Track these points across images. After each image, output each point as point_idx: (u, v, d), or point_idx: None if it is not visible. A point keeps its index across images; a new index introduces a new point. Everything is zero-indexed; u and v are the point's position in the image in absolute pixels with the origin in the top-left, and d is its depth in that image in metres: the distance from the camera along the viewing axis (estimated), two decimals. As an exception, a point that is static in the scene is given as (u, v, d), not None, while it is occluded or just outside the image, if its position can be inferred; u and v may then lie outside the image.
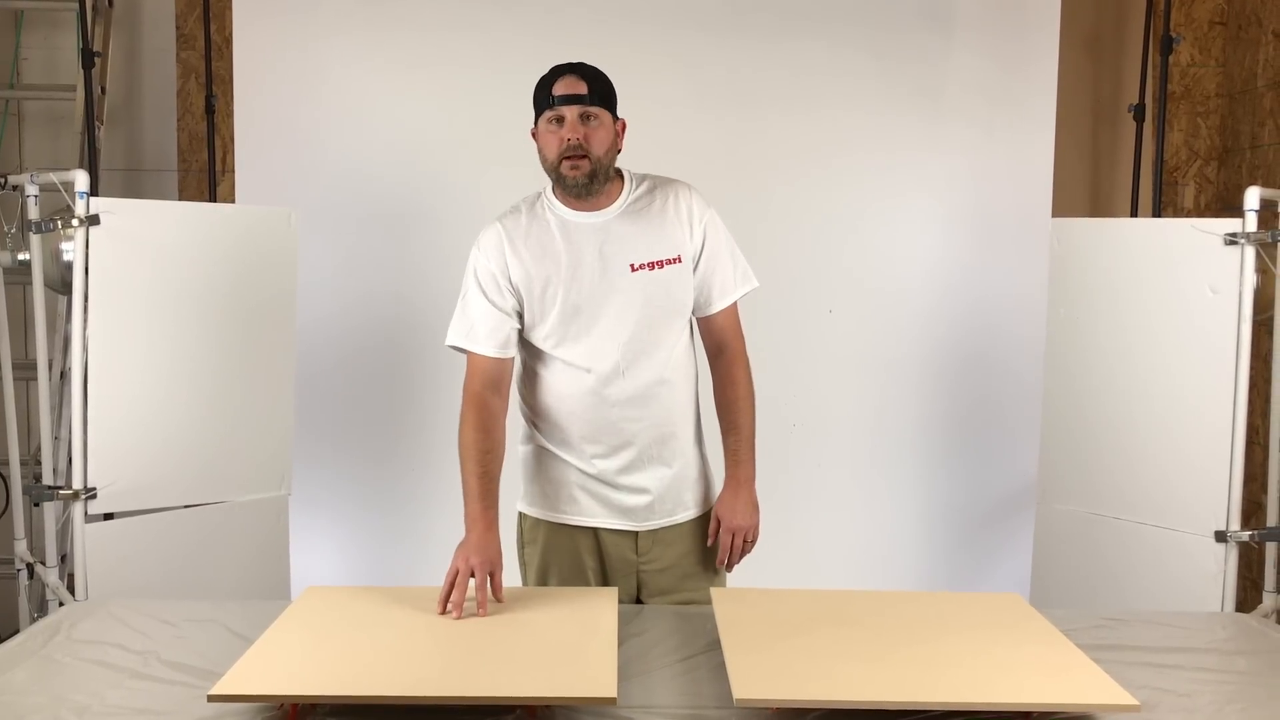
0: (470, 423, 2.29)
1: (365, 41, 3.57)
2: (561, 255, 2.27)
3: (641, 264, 2.27)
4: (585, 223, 2.29)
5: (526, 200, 2.36)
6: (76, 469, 2.80)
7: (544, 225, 2.30)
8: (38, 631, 2.16)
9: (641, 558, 2.36)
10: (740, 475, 2.34)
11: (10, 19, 3.97)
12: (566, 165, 2.21)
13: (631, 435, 2.30)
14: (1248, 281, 2.79)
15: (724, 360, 2.38)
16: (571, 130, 2.20)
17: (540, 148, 2.26)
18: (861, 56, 3.59)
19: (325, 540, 3.64)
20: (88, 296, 2.79)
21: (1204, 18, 3.88)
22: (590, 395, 2.29)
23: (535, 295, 2.28)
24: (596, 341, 2.27)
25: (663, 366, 2.30)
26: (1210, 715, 1.81)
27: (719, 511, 2.34)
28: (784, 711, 1.75)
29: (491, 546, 2.18)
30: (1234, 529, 2.80)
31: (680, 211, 2.31)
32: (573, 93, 2.20)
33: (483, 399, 2.30)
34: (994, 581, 3.64)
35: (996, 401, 3.69)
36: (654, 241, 2.28)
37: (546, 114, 2.22)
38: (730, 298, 2.35)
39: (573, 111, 2.20)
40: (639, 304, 2.27)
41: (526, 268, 2.28)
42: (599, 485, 2.34)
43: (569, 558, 2.37)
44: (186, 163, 3.90)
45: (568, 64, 2.25)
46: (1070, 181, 3.88)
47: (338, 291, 3.61)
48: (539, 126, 2.26)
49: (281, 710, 1.75)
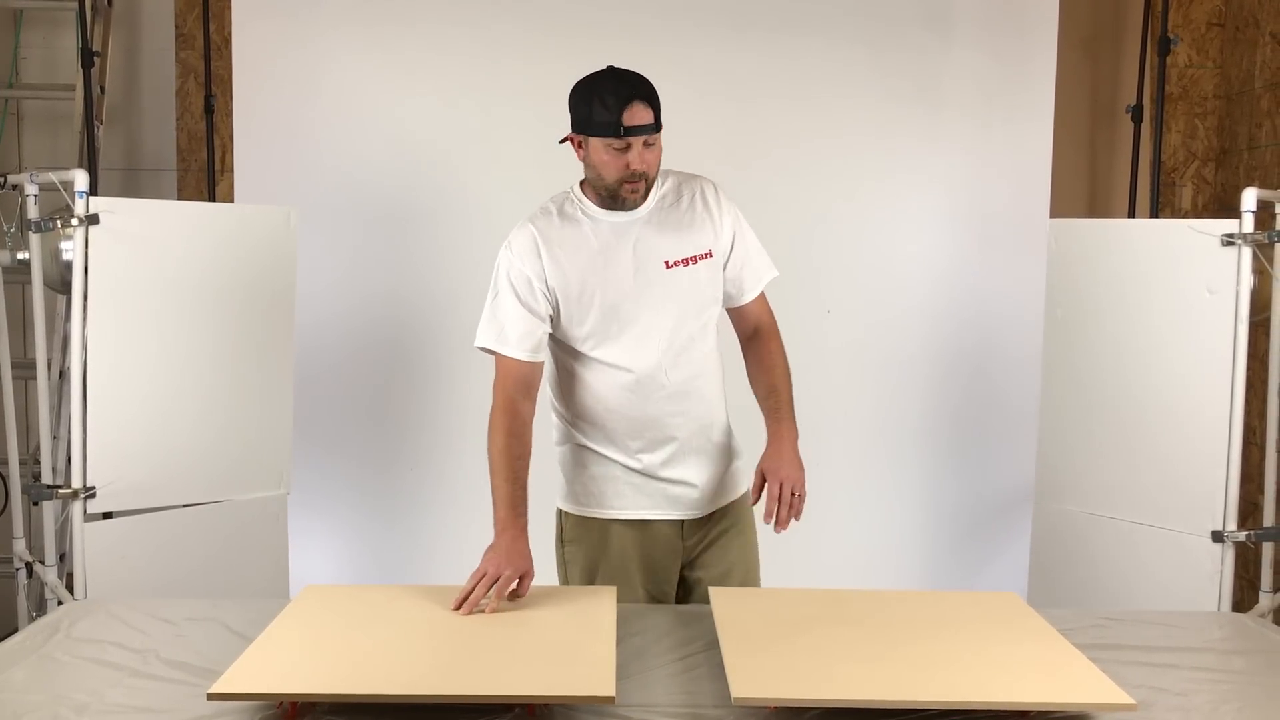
0: (501, 428, 2.26)
1: (364, 41, 3.58)
2: (597, 256, 2.28)
3: (675, 261, 2.29)
4: (618, 222, 2.30)
5: (555, 200, 2.35)
6: (75, 468, 2.80)
7: (576, 226, 2.30)
8: (37, 630, 2.16)
9: (688, 542, 2.39)
10: (783, 431, 2.31)
11: (10, 18, 3.98)
12: (627, 189, 2.23)
13: (674, 429, 2.33)
14: (1245, 282, 2.79)
15: (760, 337, 2.42)
16: (639, 160, 2.19)
17: (595, 165, 2.22)
18: (860, 57, 3.60)
19: (324, 539, 3.64)
20: (87, 296, 2.79)
21: (1202, 19, 3.89)
22: (631, 393, 2.30)
23: (573, 297, 2.28)
24: (636, 340, 2.28)
25: (701, 361, 2.33)
26: (1206, 715, 1.82)
27: (763, 466, 2.28)
28: (782, 710, 1.76)
29: (523, 554, 2.17)
30: (1231, 529, 2.80)
31: (709, 207, 2.34)
32: (643, 124, 2.17)
33: (514, 404, 2.27)
34: (991, 581, 3.64)
35: (994, 401, 3.69)
36: (685, 238, 2.31)
37: (611, 140, 2.18)
38: (761, 285, 2.41)
39: (638, 140, 2.18)
40: (675, 301, 2.29)
41: (564, 269, 2.28)
42: (644, 479, 2.35)
43: (616, 552, 2.38)
44: (185, 162, 3.91)
45: (630, 86, 2.18)
46: (1068, 182, 3.89)
47: (336, 290, 3.61)
48: (595, 144, 2.20)
49: (280, 709, 1.75)
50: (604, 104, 2.17)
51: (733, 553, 2.42)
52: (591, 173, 2.26)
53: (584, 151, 2.25)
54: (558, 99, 3.71)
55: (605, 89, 2.19)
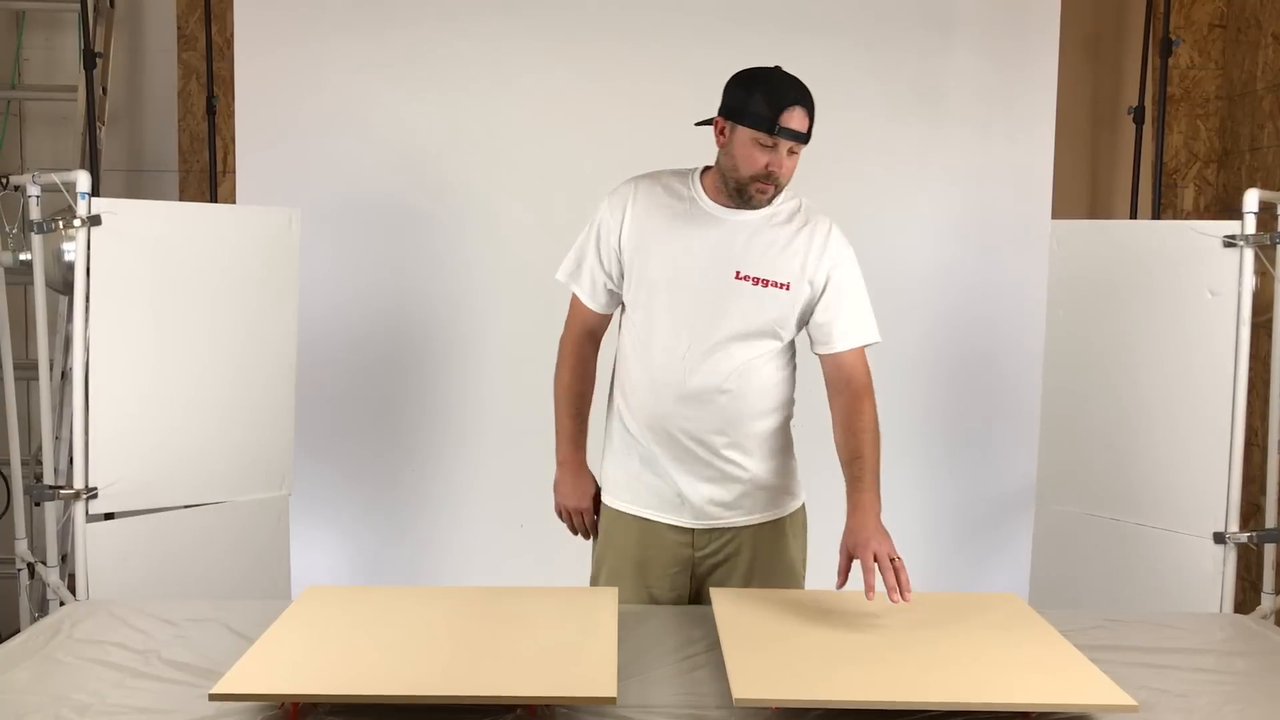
0: (568, 365, 2.42)
1: (366, 42, 3.58)
2: (678, 236, 2.27)
3: (748, 275, 2.25)
4: (718, 216, 2.27)
5: (677, 174, 2.33)
6: (77, 469, 2.80)
7: (676, 200, 2.29)
8: (39, 631, 2.17)
9: (699, 553, 2.37)
10: (864, 501, 2.21)
11: (12, 20, 3.98)
12: (757, 186, 2.20)
13: (683, 431, 2.29)
14: (1246, 283, 2.79)
15: (848, 396, 2.32)
16: (780, 164, 2.17)
17: (734, 154, 2.20)
18: (861, 59, 3.59)
19: (326, 540, 3.64)
20: (89, 297, 2.79)
21: (1204, 20, 3.89)
22: (651, 380, 2.30)
23: (636, 264, 2.29)
24: (673, 329, 2.27)
25: (726, 377, 2.27)
26: (1208, 716, 1.82)
27: (846, 544, 2.15)
28: (783, 711, 1.76)
29: (585, 488, 2.42)
30: (1233, 530, 2.80)
31: (814, 244, 2.28)
32: (798, 130, 2.16)
33: (580, 344, 2.42)
34: (992, 582, 3.64)
35: (996, 403, 3.69)
36: (771, 260, 2.26)
37: (762, 134, 2.16)
38: (854, 342, 2.32)
39: (786, 145, 2.17)
40: (729, 311, 2.25)
41: (641, 234, 2.28)
42: (652, 476, 2.34)
43: (618, 544, 2.39)
44: (187, 163, 3.91)
45: (795, 90, 2.18)
46: (1070, 183, 3.89)
47: (338, 292, 3.61)
48: (741, 134, 2.18)
49: (282, 709, 1.75)
50: (766, 98, 2.15)
51: (755, 579, 2.38)
52: (727, 161, 2.22)
53: (726, 139, 2.21)
54: (559, 98, 3.70)
55: (771, 84, 2.17)
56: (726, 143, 2.22)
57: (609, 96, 3.60)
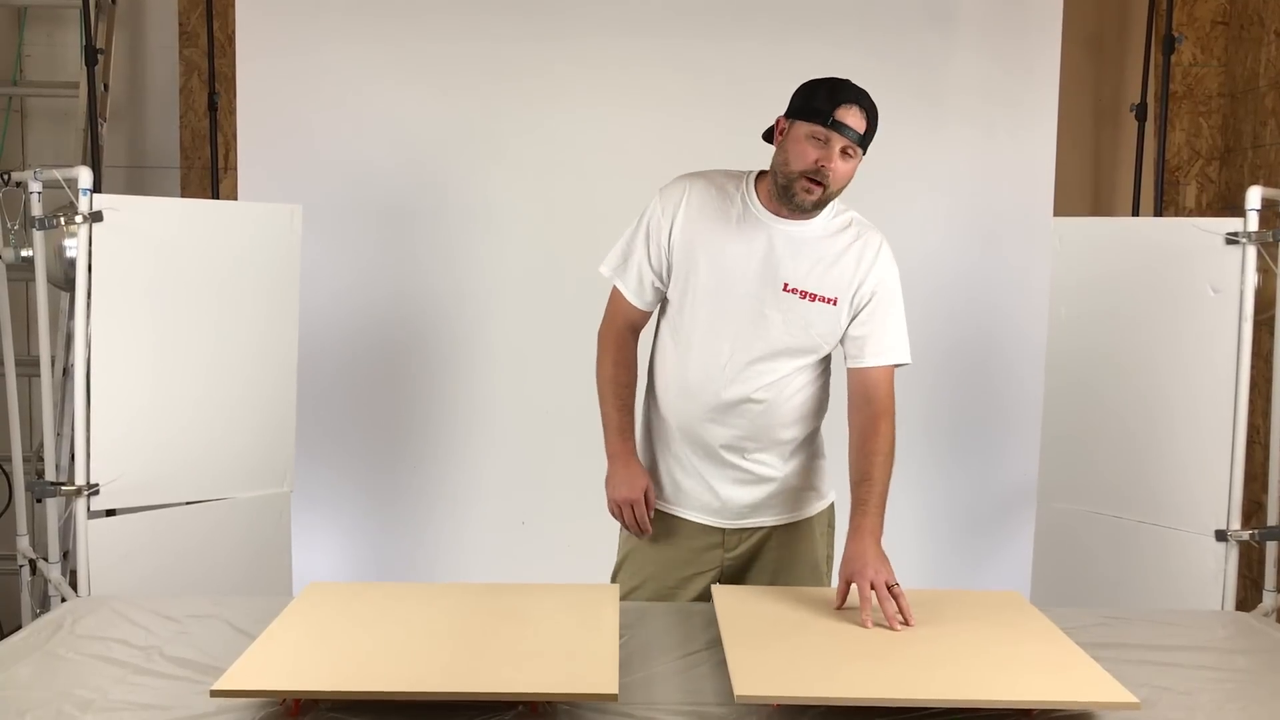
0: (610, 357, 2.40)
1: (368, 39, 3.57)
2: (729, 242, 2.25)
3: (796, 288, 2.23)
4: (769, 224, 2.25)
5: (731, 176, 2.31)
6: (79, 465, 2.80)
7: (729, 205, 2.27)
8: (41, 627, 2.17)
9: (729, 554, 2.38)
10: (865, 525, 2.18)
11: (13, 16, 3.98)
12: (803, 184, 2.16)
13: (714, 436, 2.30)
14: (1249, 281, 2.79)
15: (867, 415, 2.28)
16: (831, 159, 2.14)
17: (788, 149, 2.18)
18: (863, 56, 3.58)
19: (327, 537, 3.65)
20: (90, 293, 2.79)
21: (1206, 17, 3.88)
22: (685, 384, 2.30)
23: (684, 268, 2.27)
24: (714, 337, 2.26)
25: (763, 388, 2.27)
26: (1210, 713, 1.82)
27: (843, 573, 2.14)
28: (784, 708, 1.76)
29: (639, 475, 2.35)
30: (1234, 528, 2.80)
31: (863, 260, 2.26)
32: (851, 126, 2.14)
33: (623, 336, 2.40)
34: (994, 579, 3.64)
35: (998, 400, 3.69)
36: (821, 274, 2.24)
37: (815, 126, 2.14)
38: (885, 360, 2.29)
39: (840, 142, 2.14)
40: (773, 322, 2.24)
41: (691, 236, 2.26)
42: (683, 475, 2.35)
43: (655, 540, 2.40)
44: (189, 160, 3.91)
45: (855, 93, 2.17)
46: (1072, 181, 3.88)
47: (340, 288, 3.61)
48: (797, 129, 2.17)
49: (284, 705, 1.75)
50: (825, 94, 2.15)
51: (780, 578, 2.39)
52: (780, 158, 2.20)
53: (783, 137, 2.20)
54: (560, 98, 3.70)
55: (832, 84, 2.17)
56: (782, 140, 2.21)
57: (610, 96, 3.59)
